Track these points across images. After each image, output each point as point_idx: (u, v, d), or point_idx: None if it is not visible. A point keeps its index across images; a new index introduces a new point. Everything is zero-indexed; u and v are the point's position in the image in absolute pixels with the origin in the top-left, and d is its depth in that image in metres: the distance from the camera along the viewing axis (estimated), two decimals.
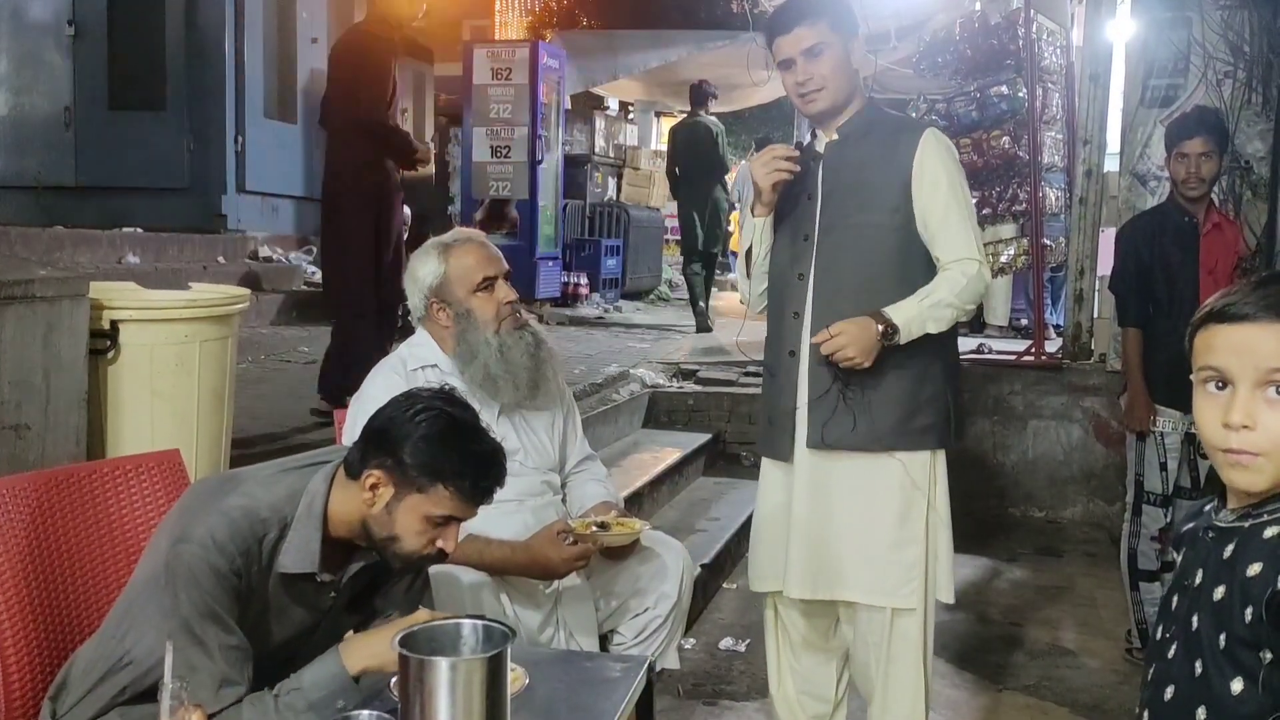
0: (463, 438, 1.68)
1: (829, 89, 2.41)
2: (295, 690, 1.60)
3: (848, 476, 2.47)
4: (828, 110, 2.45)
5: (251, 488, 1.69)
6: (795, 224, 2.51)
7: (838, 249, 2.44)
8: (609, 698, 1.76)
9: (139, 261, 6.11)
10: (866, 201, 2.42)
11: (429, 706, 1.30)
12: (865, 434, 2.44)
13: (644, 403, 5.87)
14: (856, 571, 2.48)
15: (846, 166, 2.45)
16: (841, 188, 2.44)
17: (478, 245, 2.51)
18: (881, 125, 2.50)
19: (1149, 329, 3.67)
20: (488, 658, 1.32)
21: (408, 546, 1.69)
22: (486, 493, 1.71)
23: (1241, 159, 4.93)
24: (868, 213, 2.42)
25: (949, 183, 2.41)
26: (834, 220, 2.44)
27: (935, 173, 2.40)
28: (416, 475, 1.65)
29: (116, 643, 1.67)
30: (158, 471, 2.11)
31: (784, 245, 2.54)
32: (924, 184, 2.39)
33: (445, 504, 1.67)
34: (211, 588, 1.59)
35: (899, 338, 2.34)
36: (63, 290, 2.43)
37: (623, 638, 2.47)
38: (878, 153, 2.43)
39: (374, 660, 1.63)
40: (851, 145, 2.45)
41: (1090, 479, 5.50)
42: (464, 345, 2.43)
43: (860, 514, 2.47)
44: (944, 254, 2.41)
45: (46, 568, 1.85)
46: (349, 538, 1.73)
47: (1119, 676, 3.65)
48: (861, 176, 2.43)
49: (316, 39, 8.08)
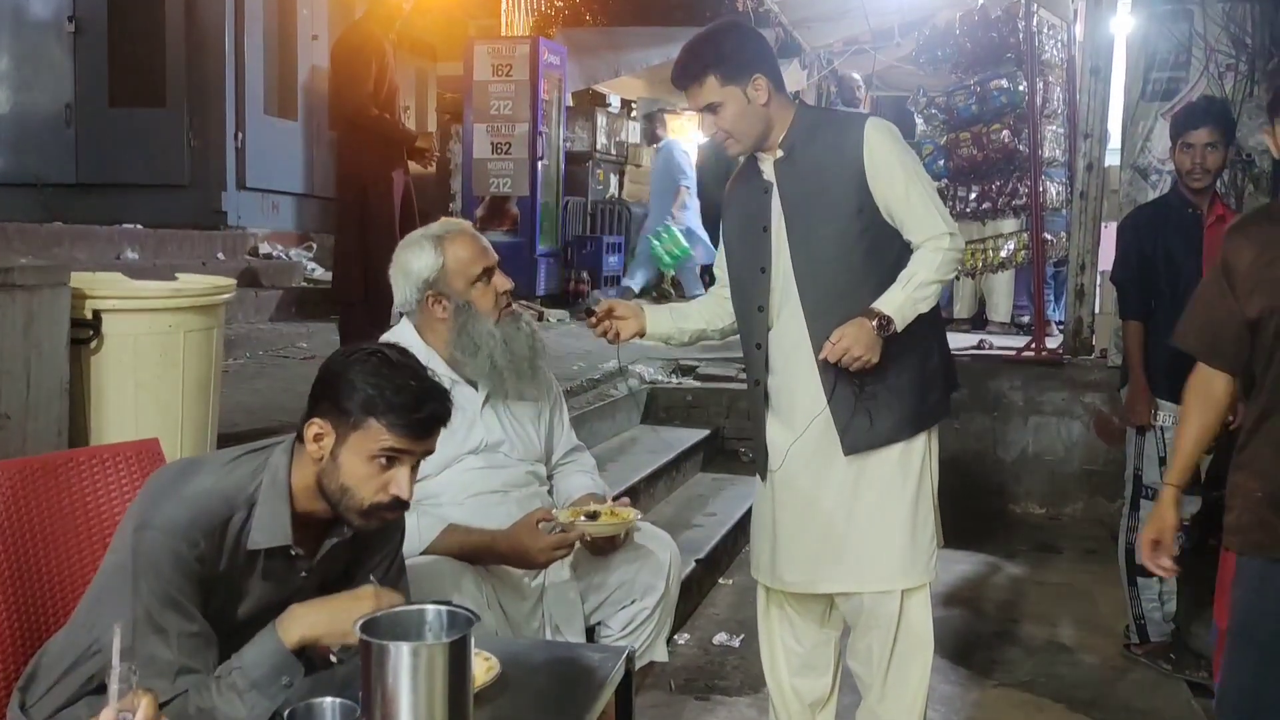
0: (396, 372, 1.66)
1: (736, 136, 2.43)
2: (236, 670, 1.57)
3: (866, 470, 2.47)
4: (750, 148, 2.47)
5: (213, 470, 1.67)
6: (749, 257, 2.52)
7: (812, 264, 2.43)
8: (586, 687, 1.74)
9: (138, 258, 6.10)
10: (829, 207, 2.41)
11: (390, 692, 1.28)
12: (889, 429, 2.45)
13: (642, 398, 5.84)
14: (876, 560, 2.48)
15: (800, 176, 2.44)
16: (802, 197, 2.44)
17: (471, 237, 2.49)
18: (826, 125, 2.50)
19: (1151, 322, 3.63)
20: (450, 643, 1.30)
21: (359, 495, 1.65)
22: (422, 425, 1.66)
23: (1244, 152, 4.89)
24: (833, 220, 2.41)
25: (901, 165, 2.40)
26: (803, 236, 2.43)
27: (887, 160, 2.39)
28: (352, 412, 1.63)
29: (85, 631, 1.65)
30: (136, 461, 2.08)
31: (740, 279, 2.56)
32: (879, 175, 2.38)
33: (382, 439, 1.63)
34: (172, 574, 1.57)
35: (895, 327, 2.34)
36: (43, 279, 2.42)
37: (610, 630, 2.45)
38: (828, 156, 2.42)
39: (311, 630, 1.59)
40: (800, 154, 2.45)
41: (1091, 475, 5.45)
42: (465, 337, 2.40)
43: (879, 504, 2.47)
44: (915, 235, 2.40)
45: (21, 556, 1.83)
46: (313, 510, 1.70)
47: (1116, 673, 3.62)
48: (820, 181, 2.42)
49: (317, 36, 8.08)
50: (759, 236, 2.49)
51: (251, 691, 1.54)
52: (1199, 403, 2.15)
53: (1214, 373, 2.11)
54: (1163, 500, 2.18)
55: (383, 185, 4.80)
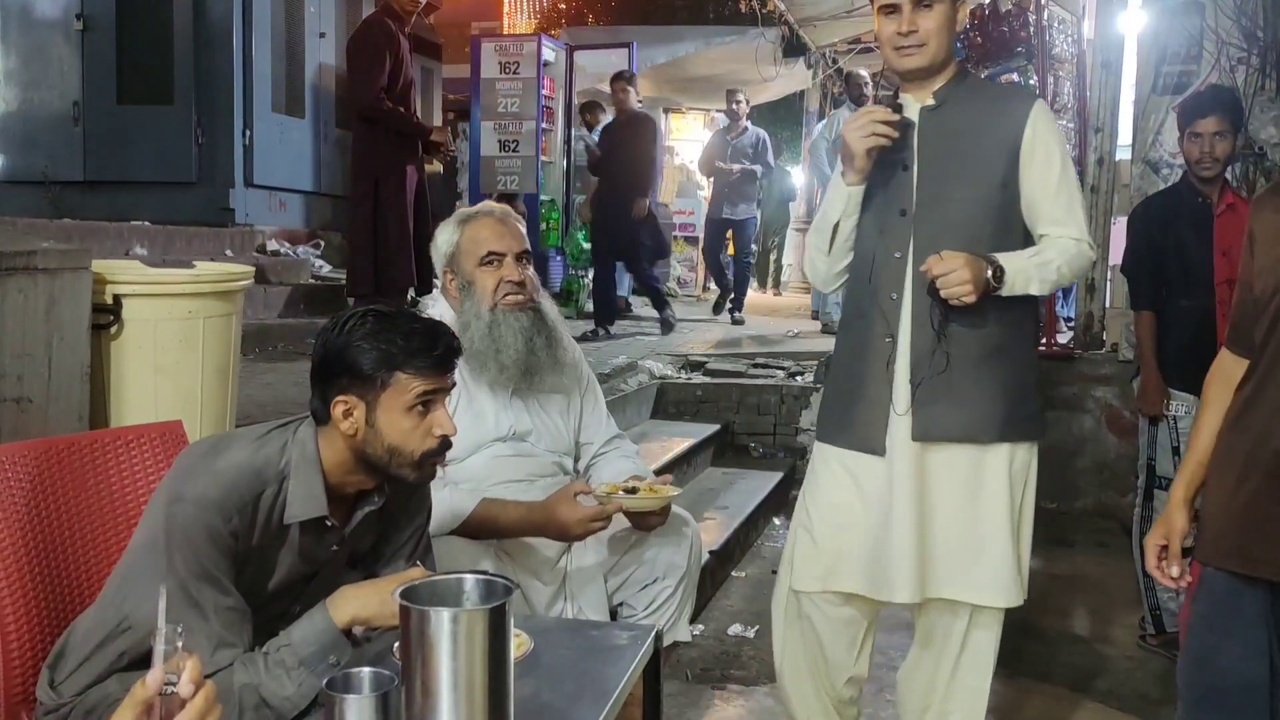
0: (397, 323, 1.67)
1: (930, 46, 2.22)
2: (285, 647, 1.57)
3: (952, 469, 2.30)
4: (923, 69, 2.26)
5: (243, 446, 1.67)
6: (887, 198, 2.30)
7: (937, 225, 2.24)
8: (615, 664, 1.73)
9: (146, 254, 6.08)
10: (970, 174, 2.24)
11: (430, 659, 1.27)
12: (974, 423, 2.28)
13: (652, 394, 5.84)
14: (968, 570, 2.31)
15: (945, 135, 2.26)
16: (941, 158, 2.25)
17: (495, 220, 2.47)
18: (982, 92, 2.36)
19: (1162, 312, 3.63)
20: (490, 609, 1.29)
21: (409, 448, 1.66)
22: (445, 360, 1.68)
23: (1255, 145, 4.89)
24: (971, 187, 2.24)
25: (1062, 160, 2.26)
26: (933, 194, 2.25)
27: (1049, 147, 2.24)
28: (374, 374, 1.64)
29: (114, 609, 1.65)
30: (160, 442, 2.08)
31: (872, 221, 2.33)
32: (1035, 159, 2.23)
33: (414, 385, 1.64)
34: (207, 548, 1.56)
35: (1005, 286, 2.18)
36: (64, 262, 2.41)
37: (632, 610, 2.44)
38: (982, 121, 2.25)
39: (362, 611, 1.60)
40: (950, 112, 2.27)
41: (1102, 469, 5.45)
42: (461, 316, 2.42)
43: (968, 508, 2.30)
44: (1052, 230, 2.25)
45: (47, 536, 1.83)
46: (344, 483, 1.70)
47: (1133, 663, 3.61)
48: (963, 146, 2.25)
49: (325, 33, 8.07)
50: (899, 175, 2.28)
51: (300, 669, 1.55)
52: (1221, 390, 1.93)
53: (1235, 359, 1.94)
54: (1173, 500, 1.94)
55: (395, 179, 4.81)
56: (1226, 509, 1.80)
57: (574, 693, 1.64)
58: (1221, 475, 1.84)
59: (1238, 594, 1.77)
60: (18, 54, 7.40)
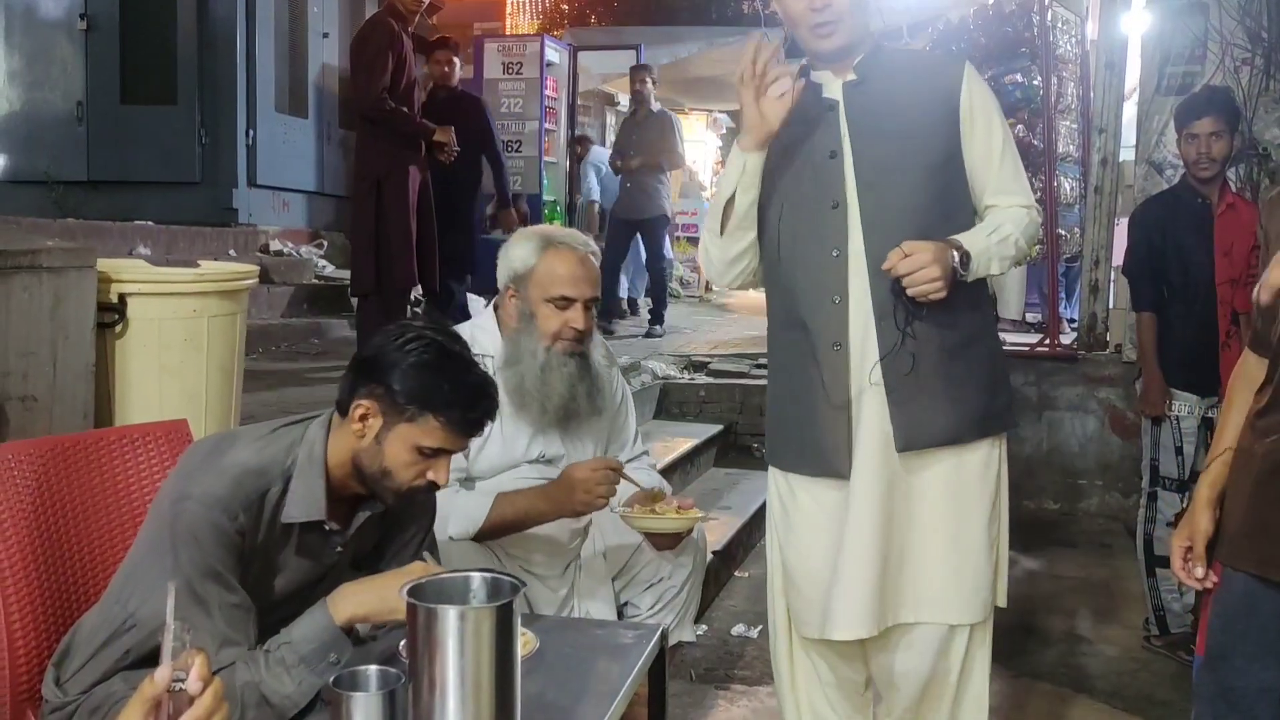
0: (454, 367, 1.64)
1: (846, 24, 2.02)
2: (285, 645, 1.56)
3: (933, 475, 2.10)
4: (841, 49, 2.05)
5: (249, 444, 1.66)
6: (816, 189, 2.07)
7: (881, 214, 2.03)
8: (621, 663, 1.73)
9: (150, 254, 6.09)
10: (910, 153, 2.04)
11: (437, 657, 1.27)
12: (958, 422, 2.08)
13: (655, 394, 5.84)
14: (947, 589, 2.12)
15: (875, 113, 2.05)
16: (874, 139, 2.05)
17: (577, 260, 2.33)
18: (905, 61, 2.19)
19: (1164, 313, 3.63)
20: (497, 607, 1.29)
21: (398, 479, 1.65)
22: (476, 424, 1.66)
23: (1259, 145, 4.88)
24: (913, 169, 2.04)
25: (1000, 120, 2.09)
26: (870, 181, 2.04)
27: (988, 111, 2.08)
28: (406, 403, 1.62)
29: (120, 606, 1.64)
30: (166, 441, 2.08)
31: (795, 216, 2.09)
32: (977, 125, 2.06)
33: (435, 435, 1.63)
34: (212, 546, 1.56)
35: (970, 270, 2.00)
36: (70, 261, 2.42)
37: (637, 609, 2.45)
38: (913, 92, 2.06)
39: (361, 609, 1.59)
40: (875, 86, 2.06)
41: (1106, 471, 5.45)
42: (512, 346, 2.34)
43: (949, 519, 2.11)
44: (999, 200, 2.08)
45: (52, 535, 1.83)
46: (348, 484, 1.70)
47: (1137, 664, 3.60)
48: (896, 122, 2.04)
49: (328, 33, 8.08)
50: (825, 165, 2.06)
51: (300, 667, 1.54)
52: (1244, 390, 1.85)
53: (1257, 360, 1.85)
54: (1197, 501, 1.85)
55: (397, 179, 4.81)
56: (1243, 511, 1.77)
57: (580, 691, 1.64)
58: (1238, 477, 1.80)
59: (1254, 595, 1.74)
60: (22, 54, 7.41)
